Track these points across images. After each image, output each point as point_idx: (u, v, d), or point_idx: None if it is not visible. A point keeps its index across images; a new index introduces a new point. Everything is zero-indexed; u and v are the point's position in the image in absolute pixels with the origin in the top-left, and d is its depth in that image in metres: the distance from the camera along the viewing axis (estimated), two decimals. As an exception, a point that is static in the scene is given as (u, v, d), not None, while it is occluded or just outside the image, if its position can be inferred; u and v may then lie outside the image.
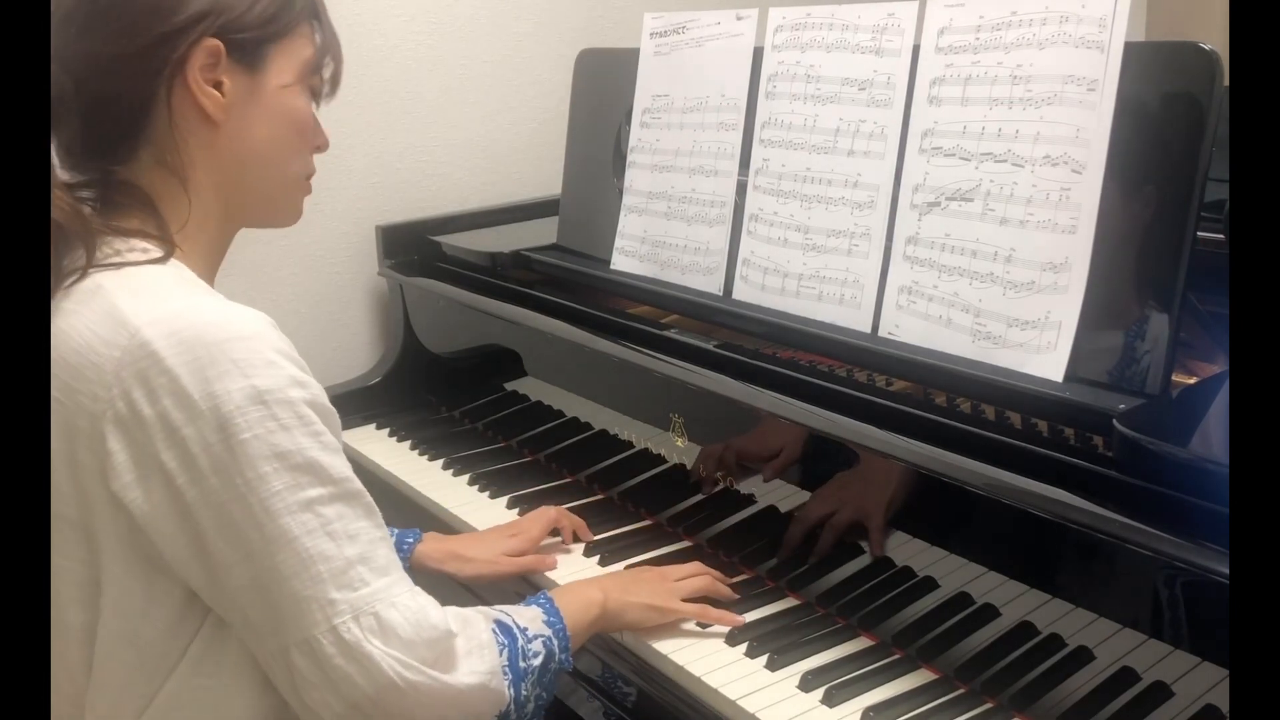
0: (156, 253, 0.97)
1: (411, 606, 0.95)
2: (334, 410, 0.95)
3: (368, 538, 0.94)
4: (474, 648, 1.00)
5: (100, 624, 0.94)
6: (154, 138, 1.00)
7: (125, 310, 0.91)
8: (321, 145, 1.11)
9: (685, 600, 1.24)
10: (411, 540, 1.37)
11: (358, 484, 0.95)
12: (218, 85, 0.99)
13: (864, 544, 1.21)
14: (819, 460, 1.25)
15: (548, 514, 1.44)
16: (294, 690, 0.93)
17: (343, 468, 0.94)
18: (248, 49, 1.00)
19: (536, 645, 1.07)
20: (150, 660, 0.95)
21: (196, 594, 0.94)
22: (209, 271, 1.06)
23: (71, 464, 0.92)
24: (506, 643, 1.04)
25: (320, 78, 1.09)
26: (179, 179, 1.01)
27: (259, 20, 1.00)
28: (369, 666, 0.91)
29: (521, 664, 1.04)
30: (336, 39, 1.10)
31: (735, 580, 1.32)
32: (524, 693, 1.03)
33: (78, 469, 0.91)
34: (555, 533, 1.44)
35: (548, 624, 1.10)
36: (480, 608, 1.08)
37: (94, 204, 0.99)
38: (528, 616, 1.10)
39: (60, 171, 0.98)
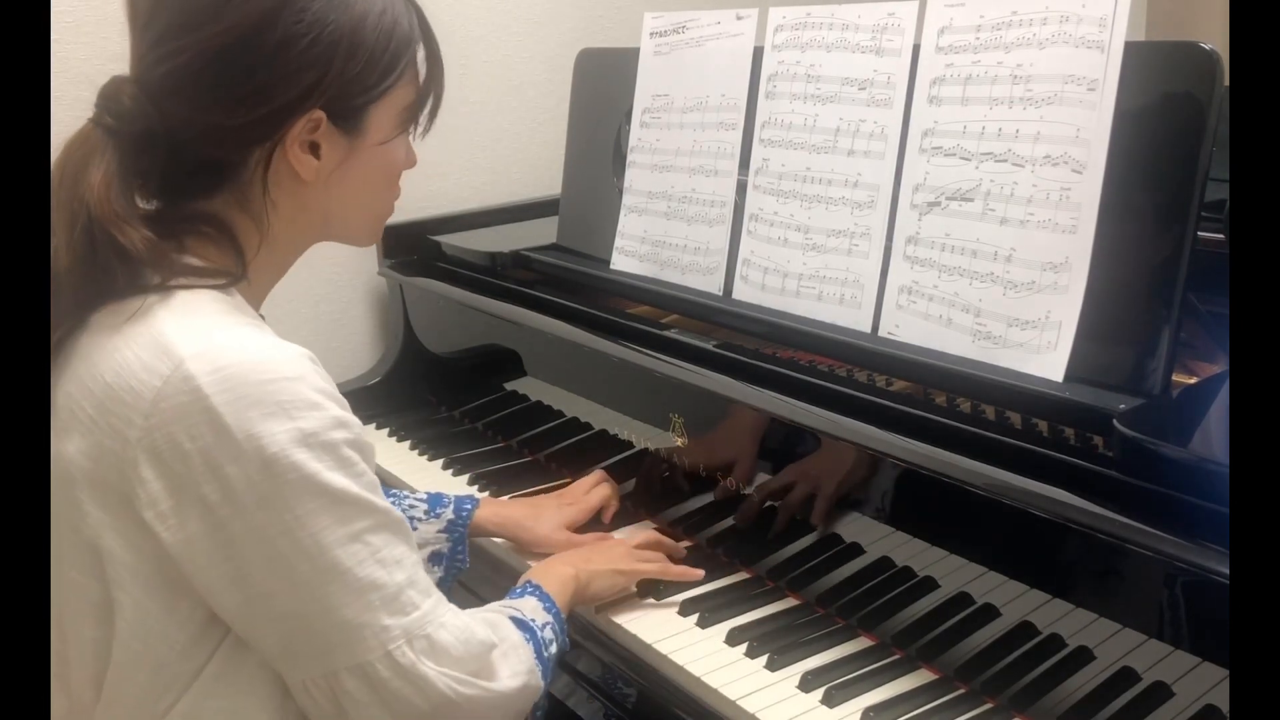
0: (220, 280, 0.96)
1: (458, 625, 0.98)
2: (371, 444, 0.96)
3: (411, 561, 0.96)
4: (509, 649, 1.03)
5: (116, 643, 0.94)
6: (239, 187, 0.98)
7: (171, 338, 0.89)
8: (410, 166, 1.10)
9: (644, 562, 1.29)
10: (470, 507, 1.39)
11: (395, 512, 0.96)
12: (314, 146, 0.98)
13: (862, 543, 1.21)
14: (819, 460, 1.25)
15: (603, 489, 1.47)
16: (339, 711, 0.93)
17: (381, 500, 0.94)
18: (350, 114, 0.99)
19: (548, 634, 1.11)
20: (163, 680, 0.94)
21: (216, 616, 0.93)
22: (264, 295, 1.06)
23: (99, 486, 0.91)
24: (529, 637, 1.07)
25: (421, 114, 1.07)
26: (257, 222, 1.00)
27: (365, 86, 0.98)
28: (424, 687, 0.93)
29: (545, 655, 1.08)
30: (440, 69, 1.07)
31: (735, 580, 1.32)
32: (549, 679, 1.08)
33: (106, 491, 0.90)
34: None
35: (547, 610, 1.14)
36: (491, 607, 1.10)
37: (169, 232, 0.96)
38: (530, 608, 1.13)
39: (135, 199, 0.95)
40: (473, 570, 1.41)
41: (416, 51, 1.03)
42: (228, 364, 0.88)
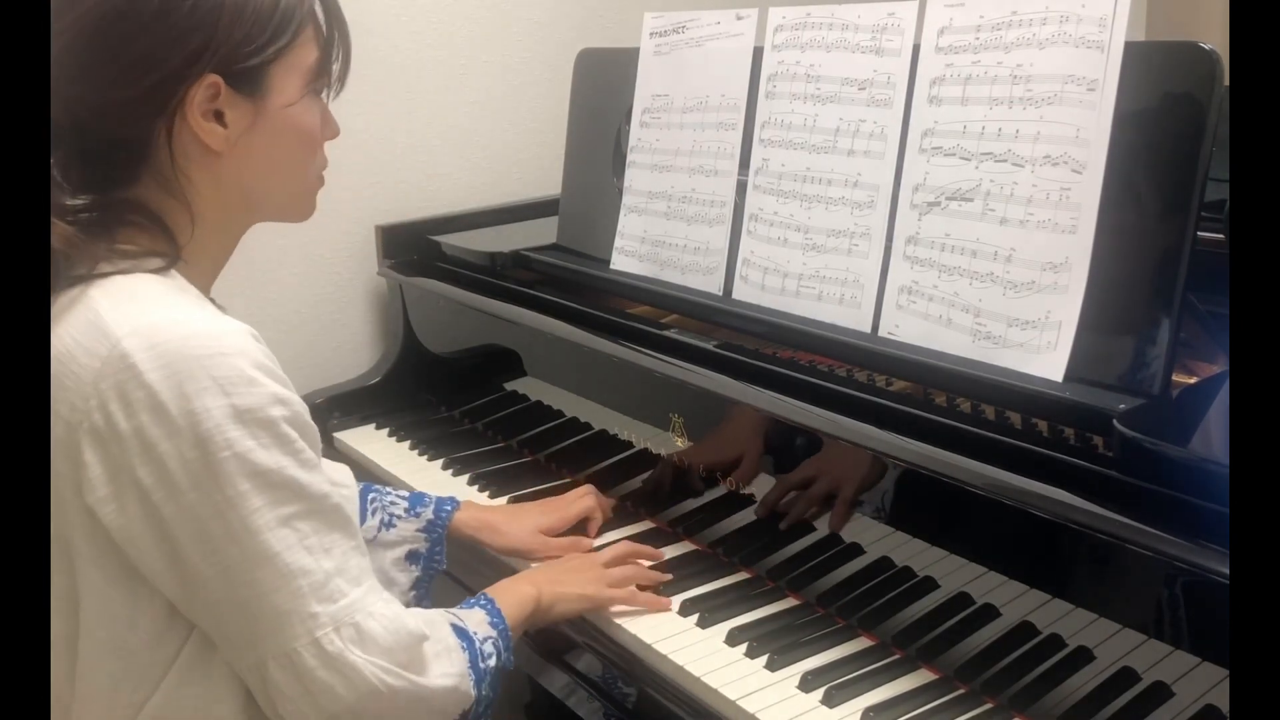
0: (155, 263, 0.96)
1: (387, 614, 0.97)
2: (313, 425, 0.95)
3: (341, 549, 0.95)
4: (442, 650, 1.02)
5: (83, 634, 0.94)
6: (155, 166, 0.98)
7: (108, 320, 0.90)
8: (331, 135, 1.08)
9: (615, 585, 1.27)
10: (450, 508, 1.39)
11: (334, 497, 0.95)
12: (219, 116, 0.97)
13: (862, 543, 1.21)
14: (819, 460, 1.25)
15: (586, 500, 1.45)
16: (269, 703, 0.94)
17: (319, 483, 0.94)
18: (248, 76, 0.97)
19: (489, 647, 1.09)
20: (136, 670, 0.94)
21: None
22: (212, 274, 1.05)
23: (52, 475, 0.90)
24: (465, 645, 1.06)
25: (329, 75, 1.05)
26: (182, 204, 0.99)
27: (258, 46, 0.97)
28: (351, 676, 0.93)
29: (481, 665, 1.06)
30: (344, 27, 1.06)
31: (735, 580, 1.32)
32: (484, 692, 1.06)
33: (55, 478, 0.90)
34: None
35: (492, 625, 1.12)
36: (438, 612, 1.09)
37: (99, 223, 0.96)
38: (475, 620, 1.11)
39: (62, 196, 0.95)
40: (470, 568, 1.42)
41: (314, 10, 1.02)
42: (163, 340, 0.88)
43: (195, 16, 0.93)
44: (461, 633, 1.07)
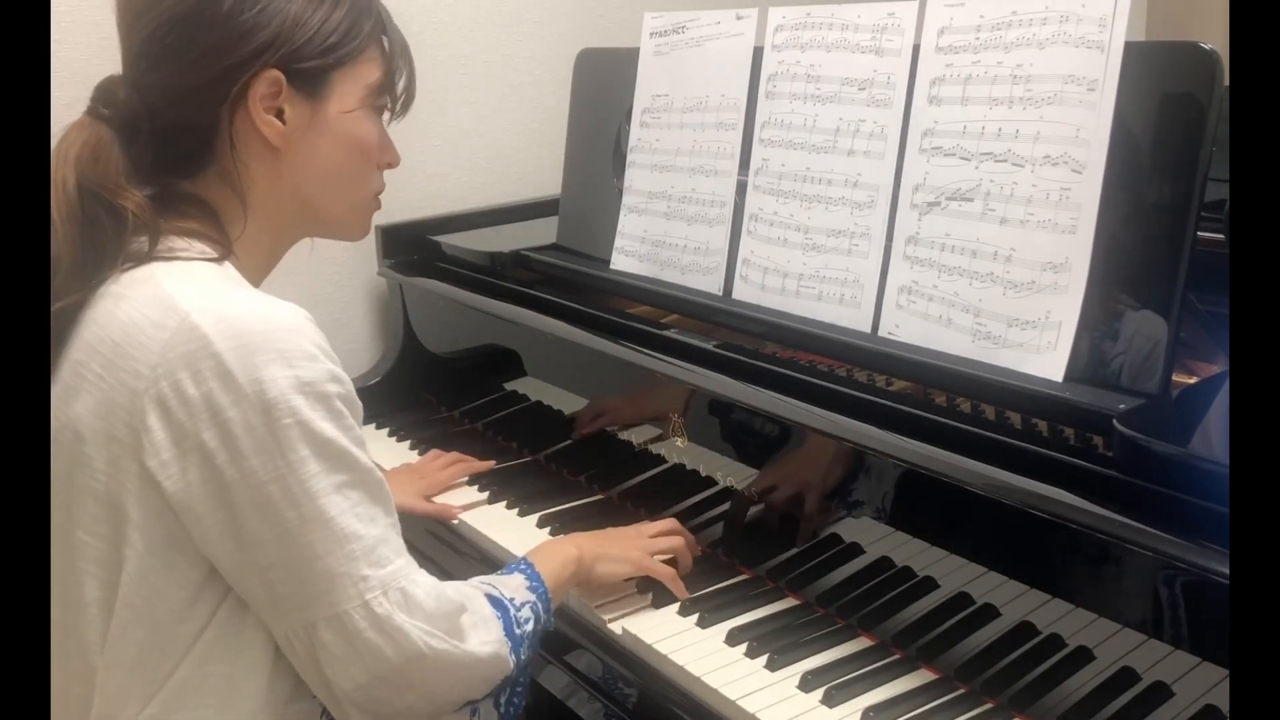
0: (212, 253, 1.02)
1: (429, 583, 1.01)
2: (360, 404, 1.00)
3: (384, 521, 0.99)
4: (479, 621, 1.06)
5: (119, 599, 0.96)
6: (219, 159, 1.05)
7: (175, 296, 0.94)
8: (391, 162, 1.16)
9: (655, 559, 1.30)
10: None
11: (377, 473, 1.00)
12: (279, 113, 1.04)
13: (862, 543, 1.22)
14: (818, 460, 1.25)
15: (455, 468, 1.60)
16: (314, 664, 0.97)
17: (365, 458, 0.99)
18: (309, 77, 1.04)
19: (525, 612, 1.12)
20: (162, 642, 0.97)
21: (211, 577, 0.97)
22: (257, 279, 1.10)
23: (108, 440, 0.94)
24: (500, 614, 1.09)
25: (390, 97, 1.13)
26: (239, 196, 1.05)
27: (322, 49, 1.04)
28: (398, 638, 0.97)
29: (517, 631, 1.09)
30: (408, 57, 1.14)
31: (735, 580, 1.32)
32: (522, 658, 1.09)
33: (113, 444, 0.94)
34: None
35: (531, 589, 1.15)
36: (471, 581, 1.12)
37: (159, 210, 1.02)
38: (513, 585, 1.14)
39: (132, 184, 1.00)
40: (463, 561, 1.42)
41: (380, 32, 1.10)
42: (232, 315, 0.93)
43: (264, 15, 1.01)
44: (497, 602, 1.10)
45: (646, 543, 1.32)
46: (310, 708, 1.02)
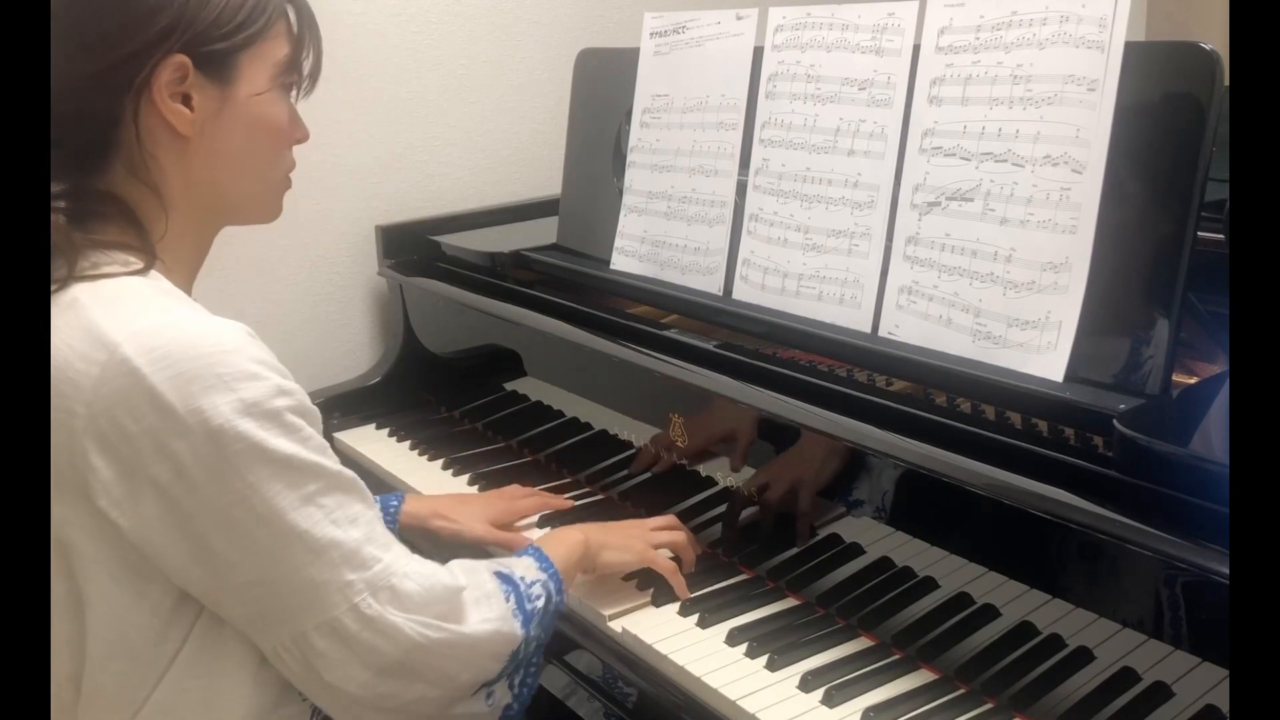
0: (136, 264, 0.97)
1: (422, 572, 1.00)
2: (315, 410, 0.98)
3: (366, 519, 0.98)
4: (481, 596, 1.05)
5: (90, 636, 0.94)
6: (125, 151, 0.99)
7: (103, 325, 0.90)
8: (301, 138, 1.10)
9: (658, 552, 1.30)
10: (396, 503, 1.42)
11: (347, 472, 0.98)
12: (186, 99, 0.98)
13: (862, 543, 1.22)
14: (818, 460, 1.25)
15: (535, 500, 1.51)
16: (313, 673, 0.95)
17: (331, 462, 0.96)
18: (217, 60, 0.99)
19: (537, 589, 1.12)
20: (141, 667, 0.95)
21: (185, 598, 0.95)
22: (189, 277, 1.06)
23: (51, 479, 0.90)
24: (509, 590, 1.08)
25: (299, 74, 1.07)
26: (153, 191, 1.00)
27: (228, 31, 0.99)
28: (394, 634, 0.96)
29: (528, 606, 1.09)
30: (315, 30, 1.08)
31: (735, 580, 1.32)
32: (533, 631, 1.08)
33: (57, 484, 0.91)
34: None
35: (541, 569, 1.15)
36: (484, 561, 1.12)
37: (72, 214, 0.99)
38: (522, 566, 1.15)
39: None
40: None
41: (285, 7, 1.05)
42: (163, 343, 0.89)
43: None
44: (505, 578, 1.09)
45: (649, 535, 1.32)
46: (299, 711, 1.01)
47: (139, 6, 0.95)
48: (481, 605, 1.04)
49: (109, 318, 0.91)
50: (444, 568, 1.04)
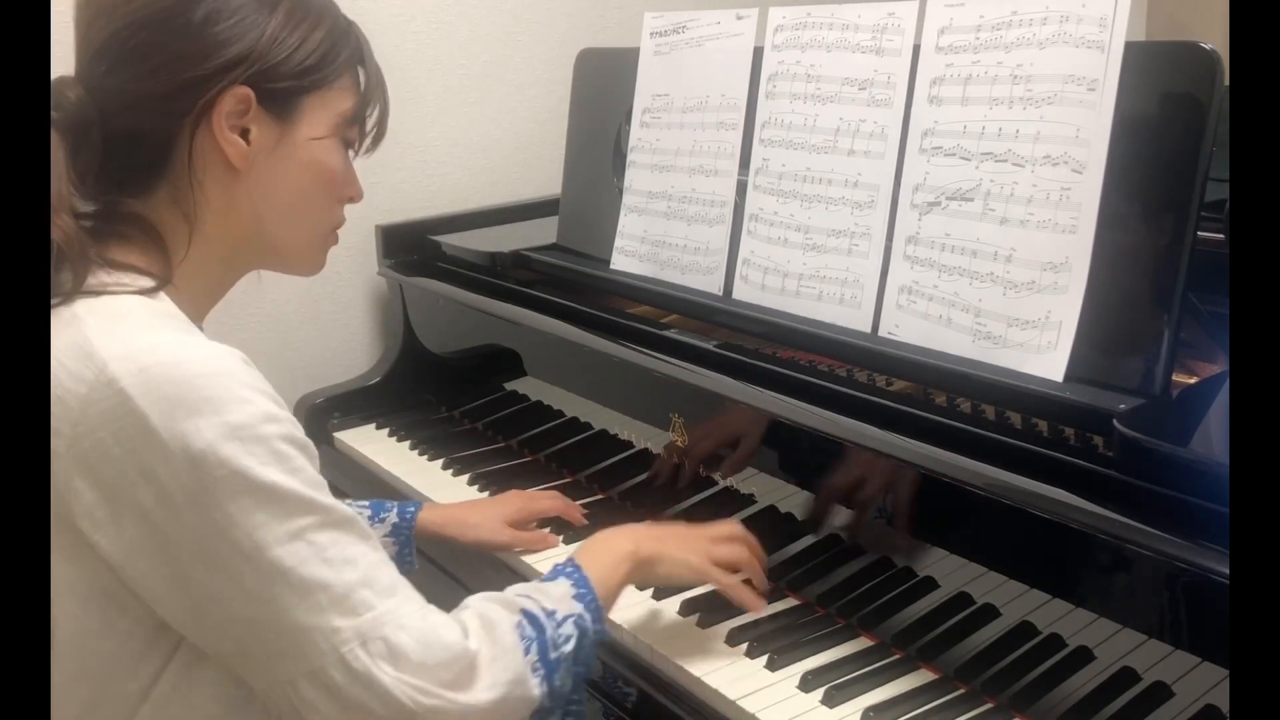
0: (145, 284, 0.95)
1: (421, 627, 0.92)
2: (310, 444, 0.92)
3: (367, 561, 0.91)
4: (498, 654, 0.96)
5: (54, 662, 0.90)
6: (173, 177, 0.98)
7: (94, 343, 0.88)
8: (354, 197, 1.09)
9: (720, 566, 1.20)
10: (413, 510, 1.39)
11: (348, 512, 0.92)
12: (244, 132, 0.98)
13: (862, 543, 1.22)
14: (818, 460, 1.25)
15: (555, 501, 1.47)
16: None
17: (327, 499, 0.91)
18: (280, 99, 0.99)
19: (568, 628, 1.02)
20: (110, 698, 0.92)
21: (162, 631, 0.91)
22: (204, 307, 1.04)
23: None
24: (535, 636, 0.99)
25: (360, 130, 1.07)
26: (187, 220, 0.99)
27: (296, 71, 0.99)
28: (382, 694, 0.89)
29: (553, 655, 1.00)
30: (383, 92, 1.08)
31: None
32: (558, 682, 0.99)
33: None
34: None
35: (577, 598, 1.05)
36: (506, 595, 1.03)
37: (94, 233, 0.96)
38: (555, 595, 1.04)
39: (74, 197, 0.94)
40: (474, 571, 1.41)
41: (357, 61, 1.05)
42: (151, 364, 0.86)
43: (239, 28, 0.96)
44: (533, 620, 1.00)
45: (710, 549, 1.20)
46: None
47: (213, 35, 0.95)
48: (496, 664, 0.95)
49: (102, 336, 0.89)
50: (458, 621, 0.96)
